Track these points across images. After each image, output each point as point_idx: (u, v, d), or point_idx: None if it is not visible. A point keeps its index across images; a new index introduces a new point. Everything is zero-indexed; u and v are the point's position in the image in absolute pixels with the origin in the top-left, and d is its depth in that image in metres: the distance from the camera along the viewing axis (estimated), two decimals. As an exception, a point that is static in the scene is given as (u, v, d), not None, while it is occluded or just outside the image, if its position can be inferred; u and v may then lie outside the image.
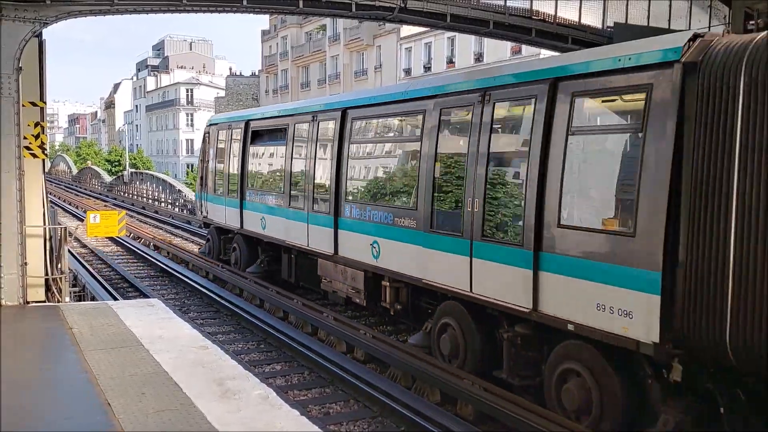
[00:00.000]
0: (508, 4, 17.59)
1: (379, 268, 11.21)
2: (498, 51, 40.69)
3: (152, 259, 20.75)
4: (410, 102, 10.81)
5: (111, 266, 20.07)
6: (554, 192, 7.73)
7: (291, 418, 5.87)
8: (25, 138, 10.06)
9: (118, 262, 21.17)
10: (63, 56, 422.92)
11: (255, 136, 16.61)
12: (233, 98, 76.79)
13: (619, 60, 7.20)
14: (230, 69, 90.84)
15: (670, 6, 19.89)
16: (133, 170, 61.02)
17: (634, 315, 6.76)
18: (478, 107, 9.10)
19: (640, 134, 6.90)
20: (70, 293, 11.50)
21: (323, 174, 13.11)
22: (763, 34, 6.24)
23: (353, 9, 14.82)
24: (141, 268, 20.45)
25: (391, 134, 12.00)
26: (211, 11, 13.78)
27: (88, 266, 19.28)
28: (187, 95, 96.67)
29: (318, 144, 13.36)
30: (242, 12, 13.90)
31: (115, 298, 14.28)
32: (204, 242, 21.41)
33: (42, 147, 10.44)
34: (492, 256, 8.66)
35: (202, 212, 20.19)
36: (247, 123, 16.92)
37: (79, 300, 13.18)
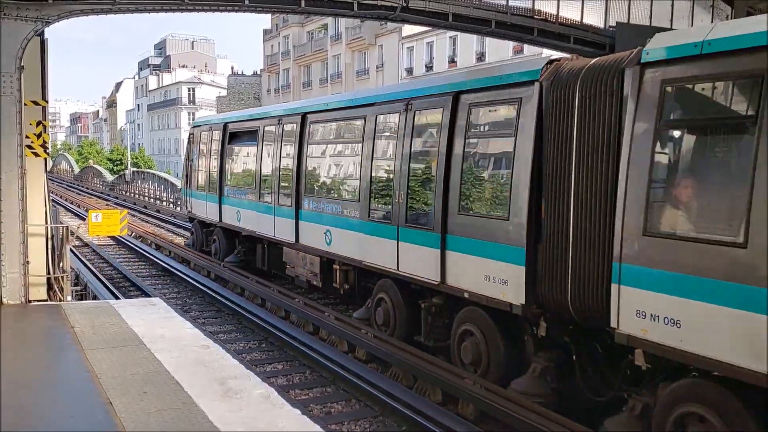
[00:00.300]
0: (510, 3, 17.55)
1: (331, 253, 12.87)
2: (500, 50, 40.68)
3: (154, 258, 20.77)
4: (354, 109, 12.66)
5: (113, 265, 20.09)
6: (456, 185, 9.47)
7: (292, 417, 5.87)
8: (27, 137, 10.06)
9: (119, 261, 21.19)
10: (65, 55, 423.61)
11: (232, 137, 18.24)
12: (235, 97, 76.83)
13: (501, 78, 9.10)
14: (232, 68, 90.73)
15: (673, 6, 19.86)
16: (135, 169, 61.10)
17: (509, 283, 8.49)
18: (402, 115, 10.86)
19: (512, 137, 8.65)
20: (72, 292, 11.52)
21: (287, 171, 14.69)
22: (594, 60, 7.90)
23: (355, 8, 14.79)
24: (143, 267, 20.47)
25: (341, 136, 13.51)
26: (213, 10, 13.77)
27: (89, 265, 19.30)
28: (189, 94, 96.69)
29: (283, 144, 15.06)
30: (244, 11, 13.88)
31: (117, 297, 14.29)
32: (189, 235, 23.15)
33: (44, 146, 10.44)
34: (413, 239, 10.39)
35: (187, 208, 22.12)
36: (225, 125, 18.72)
37: (81, 299, 13.20)
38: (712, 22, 19.84)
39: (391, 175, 11.00)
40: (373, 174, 11.59)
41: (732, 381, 5.95)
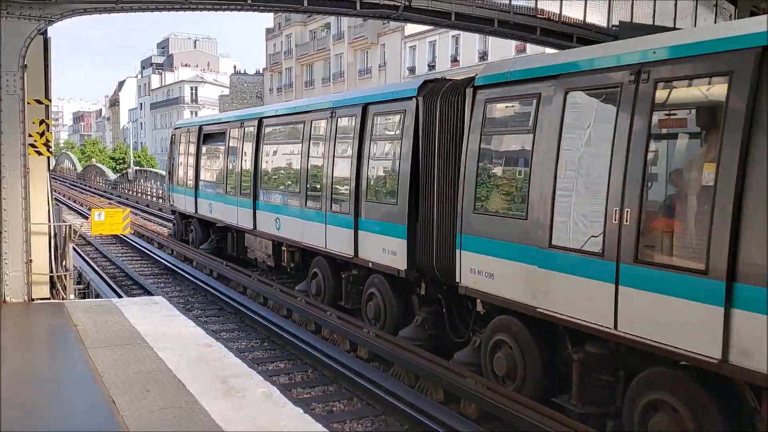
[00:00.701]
0: (513, 2, 17.56)
1: (280, 237, 15.19)
2: (503, 49, 40.64)
3: (156, 257, 20.80)
4: (296, 115, 14.96)
5: (115, 264, 20.12)
6: (364, 178, 11.85)
7: (294, 416, 5.87)
8: (30, 135, 10.08)
9: (122, 259, 21.22)
10: (68, 54, 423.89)
11: (205, 138, 20.43)
12: (237, 96, 76.85)
13: (393, 93, 11.53)
14: (234, 67, 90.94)
15: (676, 5, 19.84)
16: (138, 168, 61.11)
17: (397, 253, 10.89)
18: (329, 121, 13.12)
19: (399, 141, 11.00)
20: (75, 290, 11.53)
21: (246, 168, 16.98)
22: (456, 80, 10.17)
23: (357, 7, 14.81)
24: (145, 265, 20.49)
25: (287, 138, 15.66)
26: (216, 9, 13.79)
27: (92, 263, 19.33)
28: (192, 93, 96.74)
29: (244, 144, 17.33)
30: (246, 10, 13.91)
31: (120, 296, 14.30)
32: (172, 226, 25.57)
33: (47, 144, 10.46)
34: (336, 222, 12.66)
35: (170, 201, 24.67)
36: (200, 128, 20.90)
37: (84, 297, 13.22)
38: (715, 21, 19.81)
39: (321, 171, 13.31)
40: (309, 170, 13.84)
41: (525, 316, 8.30)
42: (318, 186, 13.38)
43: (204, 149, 20.42)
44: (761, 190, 5.74)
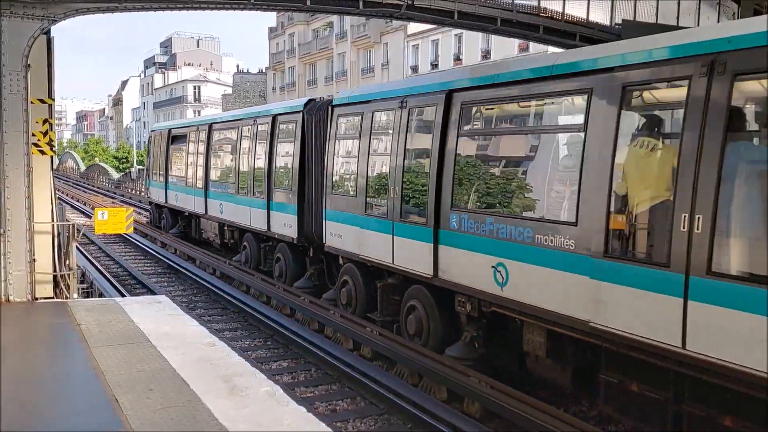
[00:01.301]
0: (516, 1, 17.54)
1: (223, 219, 19.24)
2: (505, 48, 40.63)
3: (160, 256, 20.82)
4: (231, 122, 19.43)
5: (119, 263, 20.15)
6: (273, 171, 15.89)
7: (298, 414, 5.87)
8: (33, 135, 10.08)
9: (125, 258, 21.25)
10: (71, 53, 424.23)
11: (173, 140, 24.36)
12: (240, 95, 76.86)
13: (290, 107, 15.82)
14: (237, 66, 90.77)
15: (679, 4, 19.80)
16: (141, 167, 61.15)
17: (292, 226, 14.73)
18: (251, 127, 17.27)
19: (292, 143, 15.01)
20: (78, 290, 11.53)
21: (201, 164, 20.78)
22: (326, 99, 14.16)
23: (360, 6, 14.80)
24: (148, 264, 20.52)
25: (227, 141, 19.70)
26: (219, 8, 13.79)
27: (95, 263, 19.35)
28: (195, 92, 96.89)
29: (199, 146, 21.23)
30: (249, 9, 13.91)
31: (123, 295, 14.32)
32: (148, 215, 29.87)
33: (50, 144, 10.46)
34: (257, 206, 16.59)
35: (147, 194, 29.92)
36: (169, 131, 25.09)
37: (87, 296, 13.22)
38: (719, 20, 19.76)
39: (245, 166, 17.48)
40: (240, 166, 17.89)
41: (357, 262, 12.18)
42: (245, 178, 17.43)
43: (172, 149, 24.44)
44: None
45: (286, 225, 14.99)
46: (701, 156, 6.10)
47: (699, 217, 6.03)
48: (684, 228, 6.15)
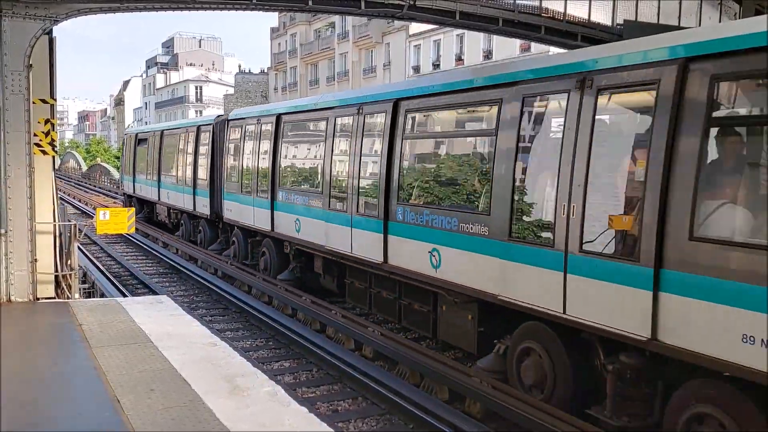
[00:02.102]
0: (518, 1, 17.55)
1: (169, 204, 24.97)
2: (507, 48, 40.63)
3: (161, 256, 20.84)
4: (177, 129, 25.13)
5: (120, 263, 20.16)
6: (196, 170, 21.15)
7: (299, 415, 5.87)
8: (35, 135, 10.08)
9: (127, 258, 21.26)
10: (73, 54, 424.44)
11: (139, 142, 29.75)
12: (242, 95, 76.92)
13: (207, 120, 21.24)
14: (239, 66, 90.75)
15: (680, 4, 19.78)
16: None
17: (206, 206, 20.43)
18: (186, 135, 22.87)
19: (207, 147, 20.57)
20: (80, 290, 11.53)
21: (155, 161, 26.28)
22: (225, 115, 18.72)
23: (362, 6, 14.81)
24: (150, 265, 20.53)
25: (174, 144, 24.52)
26: (221, 9, 13.81)
27: (97, 263, 19.36)
28: (197, 92, 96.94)
29: (155, 148, 26.63)
30: (251, 9, 13.92)
31: (125, 295, 14.32)
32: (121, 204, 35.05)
33: (52, 144, 10.46)
34: (187, 192, 21.99)
35: (121, 187, 35.29)
36: (136, 135, 31.17)
37: (89, 296, 13.23)
38: (720, 19, 19.74)
39: (182, 163, 23.04)
40: (179, 163, 23.35)
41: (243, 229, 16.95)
42: (182, 173, 22.91)
43: (138, 150, 29.70)
44: None
45: (203, 206, 20.82)
46: (575, 157, 7.53)
47: (573, 206, 7.50)
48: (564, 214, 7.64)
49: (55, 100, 10.67)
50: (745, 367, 5.73)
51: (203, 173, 20.75)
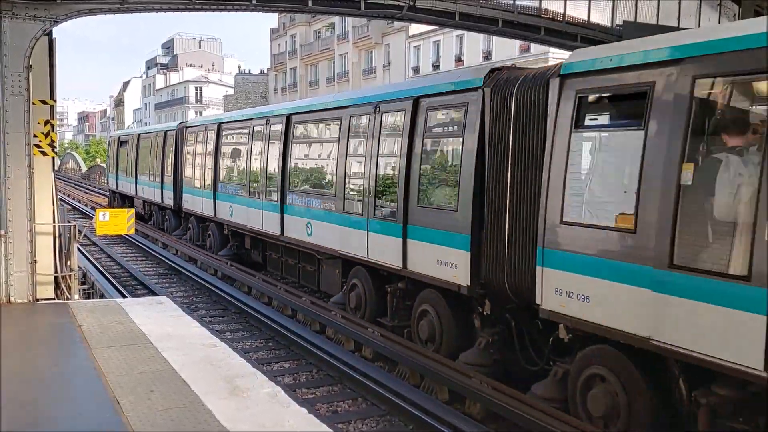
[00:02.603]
0: (517, 2, 17.52)
1: (146, 198, 28.16)
2: (507, 49, 40.61)
3: (161, 257, 20.83)
4: (148, 134, 28.33)
5: (120, 264, 20.16)
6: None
7: (299, 416, 5.87)
8: (35, 136, 10.09)
9: (126, 259, 21.26)
10: (73, 54, 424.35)
11: (121, 144, 33.48)
12: (242, 96, 76.89)
13: (172, 127, 24.87)
14: (239, 67, 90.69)
15: (680, 4, 19.78)
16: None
17: (171, 199, 24.55)
18: (155, 139, 26.46)
19: (175, 149, 23.27)
20: (80, 291, 11.53)
21: (132, 161, 30.11)
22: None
23: (362, 7, 14.78)
24: (150, 266, 20.53)
25: (148, 145, 27.56)
26: (221, 10, 13.79)
27: (97, 264, 19.36)
28: (196, 93, 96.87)
29: (132, 149, 30.33)
30: (251, 10, 13.89)
31: (124, 296, 14.33)
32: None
33: (52, 145, 10.47)
34: (167, 189, 24.06)
35: (107, 183, 40.10)
36: (119, 137, 35.13)
37: (88, 297, 13.24)
38: (719, 20, 19.75)
39: (155, 162, 26.02)
40: (152, 162, 26.22)
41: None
42: (152, 171, 26.32)
43: (120, 150, 33.48)
44: None
45: (169, 198, 24.37)
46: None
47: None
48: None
49: (55, 101, 10.68)
50: None
51: (169, 170, 24.30)
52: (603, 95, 7.78)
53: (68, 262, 11.01)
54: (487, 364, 9.39)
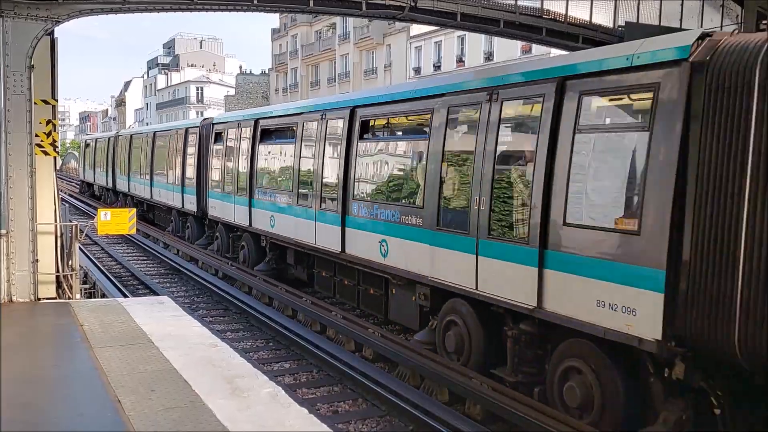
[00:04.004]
0: (519, 3, 17.52)
1: (98, 184, 40.66)
2: (508, 50, 40.58)
3: (162, 257, 20.84)
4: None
5: (121, 263, 20.17)
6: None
7: (300, 416, 5.88)
8: (36, 136, 10.11)
9: (128, 259, 21.27)
10: (75, 54, 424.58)
11: (87, 145, 43.93)
12: (243, 96, 76.86)
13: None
14: (240, 67, 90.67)
15: (682, 5, 19.79)
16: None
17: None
18: (112, 142, 36.75)
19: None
20: (81, 290, 11.54)
21: (110, 160, 35.99)
22: (123, 131, 23.00)
23: (363, 8, 14.79)
24: (151, 265, 20.54)
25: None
26: (222, 10, 13.79)
27: (98, 263, 19.38)
28: (197, 93, 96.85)
29: (110, 150, 35.99)
30: (253, 11, 13.89)
31: (126, 296, 14.34)
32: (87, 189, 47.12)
33: (53, 145, 10.49)
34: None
35: (83, 176, 47.82)
36: (86, 141, 47.24)
37: (90, 297, 13.25)
38: (722, 21, 19.76)
39: (110, 160, 36.17)
40: (109, 160, 35.94)
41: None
42: (101, 163, 37.73)
43: (93, 150, 41.36)
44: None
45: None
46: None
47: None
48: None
49: (57, 100, 10.70)
50: None
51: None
52: None
53: (70, 262, 11.02)
54: None
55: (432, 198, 10.00)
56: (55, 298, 10.53)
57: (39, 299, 10.22)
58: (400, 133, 12.58)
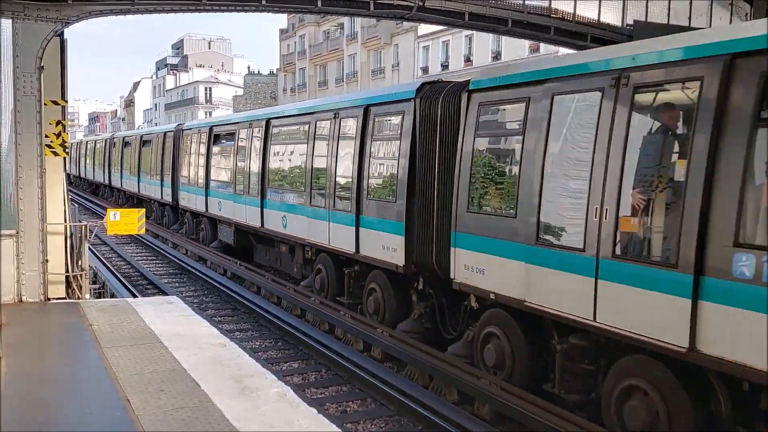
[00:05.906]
0: (527, 2, 17.46)
1: (92, 179, 47.78)
2: (516, 49, 40.48)
3: (171, 257, 20.91)
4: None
5: (130, 263, 20.24)
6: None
7: (309, 416, 5.88)
8: (46, 136, 10.15)
9: (137, 259, 21.34)
10: (84, 55, 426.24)
11: (87, 147, 49.37)
12: (251, 97, 76.98)
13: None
14: (248, 67, 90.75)
15: (691, 4, 19.67)
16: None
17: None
18: (106, 143, 42.55)
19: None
20: (90, 290, 11.58)
21: (102, 159, 41.64)
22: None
23: (371, 8, 14.77)
24: (160, 265, 20.61)
25: (94, 147, 44.75)
26: (230, 10, 13.80)
27: (107, 263, 19.45)
28: (206, 94, 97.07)
29: (107, 151, 39.97)
30: (261, 11, 13.91)
31: (135, 296, 14.39)
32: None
33: (63, 145, 10.52)
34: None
35: (77, 171, 53.64)
36: (78, 141, 55.84)
37: (99, 297, 13.29)
38: (731, 20, 19.64)
39: (101, 159, 42.56)
40: (100, 160, 42.67)
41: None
42: (91, 164, 47.22)
43: (86, 150, 48.36)
44: None
45: (98, 175, 35.19)
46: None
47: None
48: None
49: (66, 101, 10.74)
50: None
51: (107, 163, 33.29)
52: None
53: (79, 262, 11.06)
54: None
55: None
56: (64, 298, 10.56)
57: (49, 299, 10.25)
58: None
